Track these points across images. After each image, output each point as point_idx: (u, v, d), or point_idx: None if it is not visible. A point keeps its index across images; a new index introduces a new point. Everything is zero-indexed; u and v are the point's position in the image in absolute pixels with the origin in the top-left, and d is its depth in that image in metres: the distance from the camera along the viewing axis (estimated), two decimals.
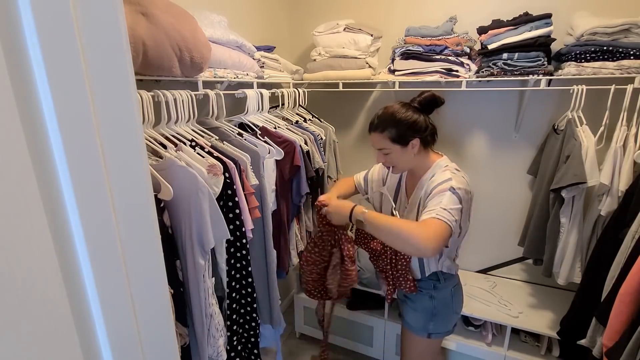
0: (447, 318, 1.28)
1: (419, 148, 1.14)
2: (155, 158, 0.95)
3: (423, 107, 1.14)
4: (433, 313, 1.25)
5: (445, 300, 1.25)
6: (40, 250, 0.34)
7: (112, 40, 0.39)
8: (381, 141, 1.15)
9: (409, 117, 1.12)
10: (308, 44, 2.15)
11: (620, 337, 0.98)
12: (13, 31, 0.31)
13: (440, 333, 1.29)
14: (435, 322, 1.26)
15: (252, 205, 1.11)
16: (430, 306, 1.25)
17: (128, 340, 0.44)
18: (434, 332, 1.27)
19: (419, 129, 1.12)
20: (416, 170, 1.21)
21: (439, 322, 1.27)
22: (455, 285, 1.28)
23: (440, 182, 1.09)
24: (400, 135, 1.12)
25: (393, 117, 1.13)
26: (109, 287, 0.41)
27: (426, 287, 1.25)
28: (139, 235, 0.45)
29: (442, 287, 1.24)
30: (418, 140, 1.13)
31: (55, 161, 0.35)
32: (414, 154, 1.15)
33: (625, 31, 1.36)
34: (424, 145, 1.16)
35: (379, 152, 1.18)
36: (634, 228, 1.08)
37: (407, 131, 1.12)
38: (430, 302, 1.25)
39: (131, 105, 0.42)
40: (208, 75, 1.23)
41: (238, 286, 1.13)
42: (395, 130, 1.12)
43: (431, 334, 1.27)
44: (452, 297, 1.26)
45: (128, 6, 0.89)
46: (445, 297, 1.25)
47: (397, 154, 1.15)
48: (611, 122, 1.40)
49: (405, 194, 1.28)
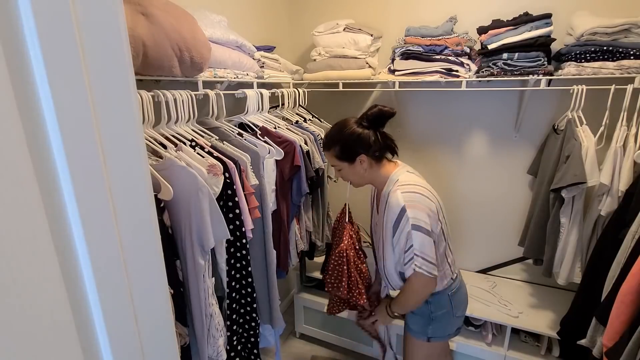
0: (446, 322, 1.27)
1: (368, 163, 1.15)
2: (155, 158, 0.95)
3: (371, 123, 1.14)
4: (430, 317, 1.25)
5: (441, 304, 1.24)
6: (40, 250, 0.34)
7: (112, 40, 0.39)
8: (331, 158, 1.19)
9: (353, 134, 1.13)
10: (308, 44, 2.15)
11: (621, 337, 0.98)
12: (13, 31, 0.31)
13: (440, 337, 1.28)
14: (434, 327, 1.26)
15: (252, 205, 1.11)
16: (427, 311, 1.25)
17: (128, 340, 0.44)
18: (433, 336, 1.27)
19: (365, 146, 1.13)
20: (376, 184, 1.23)
21: (438, 327, 1.26)
22: (455, 290, 1.26)
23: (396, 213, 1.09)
24: (345, 153, 1.15)
25: (337, 135, 1.16)
26: (109, 287, 0.41)
27: None
28: (139, 235, 0.45)
29: (438, 293, 1.23)
30: (365, 156, 1.14)
31: (55, 161, 0.35)
32: (364, 169, 1.16)
33: (625, 31, 1.36)
34: (375, 160, 1.16)
35: (334, 167, 1.22)
36: (634, 228, 1.09)
37: (352, 148, 1.14)
38: (427, 307, 1.24)
39: (131, 105, 0.42)
40: (208, 75, 1.23)
41: (238, 286, 1.13)
42: (340, 148, 1.15)
43: (430, 338, 1.27)
44: (450, 301, 1.25)
45: (128, 6, 0.89)
46: (442, 301, 1.24)
47: (346, 170, 1.18)
48: (611, 122, 1.40)
49: (376, 207, 1.30)
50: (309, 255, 1.92)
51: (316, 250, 1.86)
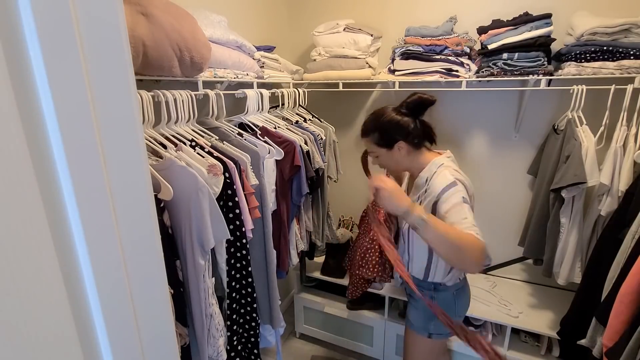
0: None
1: (407, 150, 1.14)
2: (155, 158, 0.95)
3: (411, 110, 1.14)
4: (433, 314, 1.23)
5: (446, 301, 1.25)
6: (40, 250, 0.34)
7: (112, 40, 0.39)
8: (369, 145, 1.20)
9: (391, 121, 1.13)
10: (308, 44, 2.15)
11: (621, 337, 0.98)
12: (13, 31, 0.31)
13: (441, 334, 1.28)
14: (436, 323, 1.26)
15: (252, 205, 1.11)
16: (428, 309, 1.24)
17: (128, 340, 0.44)
18: (434, 333, 1.27)
19: (403, 132, 1.12)
20: (413, 171, 1.21)
21: (440, 323, 1.26)
22: (459, 289, 1.27)
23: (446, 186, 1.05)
24: (384, 139, 1.15)
25: (376, 121, 1.16)
26: (109, 287, 0.41)
27: (427, 287, 1.26)
28: (139, 235, 0.45)
29: (442, 289, 1.24)
30: (404, 142, 1.13)
31: (55, 161, 0.35)
32: (402, 156, 1.15)
33: (625, 31, 1.36)
34: (413, 147, 1.15)
35: (370, 154, 1.23)
36: (634, 228, 1.09)
37: (391, 135, 1.13)
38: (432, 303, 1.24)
39: (131, 105, 0.42)
40: (208, 75, 1.23)
41: (238, 286, 1.13)
42: (379, 135, 1.15)
43: (432, 334, 1.27)
44: (455, 300, 1.25)
45: (128, 6, 0.89)
46: (447, 298, 1.25)
47: (384, 156, 1.18)
48: (611, 122, 1.40)
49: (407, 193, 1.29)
50: (309, 255, 1.93)
51: (316, 250, 1.86)
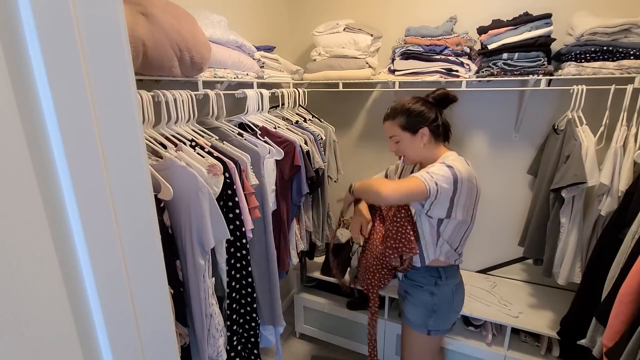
0: (447, 315, 1.29)
1: (428, 138, 1.19)
2: (155, 158, 0.95)
3: (436, 102, 1.21)
4: (433, 309, 1.26)
5: (446, 297, 1.27)
6: (40, 250, 0.34)
7: (112, 40, 0.39)
8: (392, 128, 1.23)
9: (419, 107, 1.19)
10: (308, 44, 2.15)
11: (621, 337, 0.98)
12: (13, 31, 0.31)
13: (439, 330, 1.29)
14: (435, 319, 1.27)
15: (252, 205, 1.11)
16: (431, 302, 1.26)
17: (128, 340, 0.44)
18: (433, 329, 1.28)
19: (428, 119, 1.18)
20: (425, 163, 1.24)
21: (439, 319, 1.28)
22: (458, 284, 1.29)
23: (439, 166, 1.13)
24: (410, 123, 1.19)
25: (404, 106, 1.20)
26: (109, 287, 0.41)
27: (427, 283, 1.27)
28: (139, 235, 0.45)
29: (442, 285, 1.25)
30: (427, 130, 1.18)
31: (55, 161, 0.35)
32: (422, 143, 1.20)
33: (625, 31, 1.36)
34: (434, 136, 1.21)
35: (391, 140, 1.25)
36: (634, 228, 1.08)
37: (417, 120, 1.18)
38: (431, 299, 1.26)
39: (131, 105, 0.42)
40: (208, 75, 1.23)
41: (238, 286, 1.13)
42: (405, 118, 1.19)
43: (430, 331, 1.28)
44: (454, 295, 1.27)
45: (128, 6, 0.89)
46: (446, 294, 1.27)
47: (406, 141, 1.22)
48: (611, 122, 1.40)
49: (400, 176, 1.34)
50: (309, 255, 1.93)
51: (316, 250, 1.86)
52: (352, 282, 1.69)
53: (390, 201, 1.11)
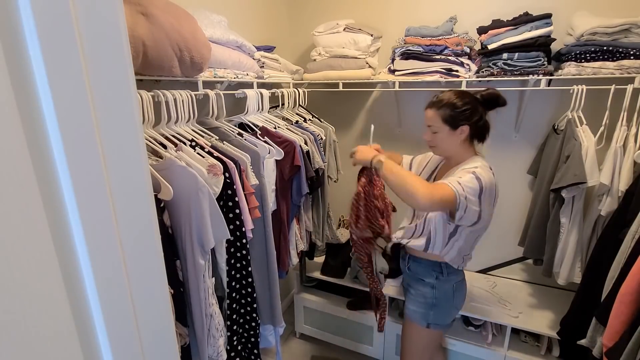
0: (447, 311, 1.31)
1: (466, 137, 1.17)
2: (155, 158, 0.95)
3: (485, 102, 1.17)
4: (433, 303, 1.28)
5: (446, 292, 1.28)
6: (40, 250, 0.34)
7: (112, 40, 0.39)
8: (434, 118, 1.18)
9: (467, 103, 1.15)
10: (308, 44, 2.15)
11: (621, 337, 0.98)
12: (13, 31, 0.31)
13: (439, 325, 1.31)
14: (435, 313, 1.29)
15: (252, 205, 1.11)
16: (431, 296, 1.28)
17: (128, 340, 0.44)
18: (433, 323, 1.30)
19: (472, 118, 1.15)
20: (453, 160, 1.23)
21: (439, 314, 1.29)
22: (460, 281, 1.31)
23: (466, 167, 1.13)
24: (453, 117, 1.15)
25: (452, 98, 1.16)
26: (109, 287, 0.41)
27: (429, 277, 1.29)
28: (139, 235, 0.45)
29: (444, 280, 1.27)
30: (468, 128, 1.16)
31: (55, 161, 0.35)
32: (459, 140, 1.18)
33: (625, 31, 1.36)
34: (472, 136, 1.19)
35: (429, 129, 1.22)
36: (634, 228, 1.08)
37: (460, 115, 1.15)
38: (432, 292, 1.28)
39: (131, 105, 0.42)
40: (208, 75, 1.23)
41: (238, 286, 1.13)
42: (450, 111, 1.15)
43: (430, 324, 1.30)
44: (454, 292, 1.29)
45: (128, 6, 0.89)
46: (447, 289, 1.28)
47: (443, 134, 1.18)
48: (611, 122, 1.40)
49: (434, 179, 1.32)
50: (309, 255, 1.92)
51: (316, 250, 1.86)
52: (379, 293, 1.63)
53: (423, 207, 1.08)
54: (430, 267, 1.28)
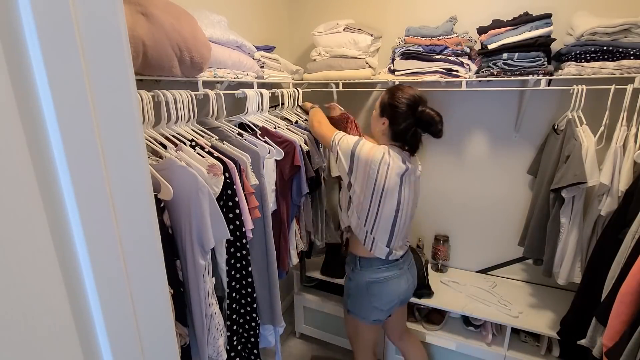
0: (361, 304, 1.40)
1: (385, 130, 1.30)
2: (155, 158, 0.95)
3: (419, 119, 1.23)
4: (348, 293, 1.44)
5: (358, 286, 1.39)
6: (40, 250, 0.34)
7: (112, 40, 0.39)
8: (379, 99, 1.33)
9: (400, 104, 1.24)
10: (308, 44, 2.15)
11: (621, 337, 0.98)
12: (13, 31, 0.31)
13: (355, 314, 1.43)
14: (351, 301, 1.43)
15: (252, 205, 1.11)
16: (347, 286, 1.45)
17: (128, 340, 0.44)
18: (351, 310, 1.44)
19: (394, 119, 1.25)
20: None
21: (354, 303, 1.42)
22: (377, 281, 1.36)
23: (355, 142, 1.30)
24: (383, 105, 1.30)
25: (399, 91, 1.26)
26: (109, 287, 0.41)
27: (348, 268, 1.46)
28: (139, 235, 0.45)
29: (357, 273, 1.39)
30: (387, 123, 1.28)
31: (55, 161, 0.35)
32: (379, 129, 1.31)
33: (625, 31, 1.36)
34: (391, 135, 1.29)
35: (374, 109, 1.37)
36: (634, 228, 1.08)
37: (387, 107, 1.27)
38: (348, 283, 1.44)
39: (131, 105, 0.42)
40: (208, 75, 1.23)
41: (238, 286, 1.13)
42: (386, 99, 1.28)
43: (349, 310, 1.45)
44: (367, 289, 1.37)
45: (128, 6, 0.89)
46: (359, 283, 1.38)
47: (374, 115, 1.35)
48: (611, 122, 1.40)
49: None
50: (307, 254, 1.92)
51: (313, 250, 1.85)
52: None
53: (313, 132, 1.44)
54: (350, 259, 1.44)
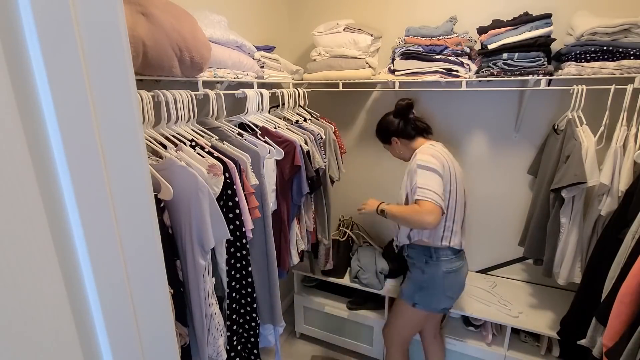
0: (435, 296, 1.42)
1: (402, 141, 1.50)
2: (155, 158, 0.95)
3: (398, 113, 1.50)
4: (421, 286, 1.43)
5: (434, 277, 1.40)
6: (40, 250, 0.34)
7: (112, 40, 0.39)
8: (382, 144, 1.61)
9: (383, 124, 1.55)
10: (308, 44, 2.15)
11: (621, 337, 0.98)
12: (13, 31, 0.31)
13: (424, 306, 1.44)
14: (422, 295, 1.43)
15: (252, 205, 1.11)
16: (420, 279, 1.44)
17: (128, 340, 0.44)
18: (418, 303, 1.44)
19: (391, 130, 1.51)
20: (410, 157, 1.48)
21: (425, 296, 1.43)
22: (453, 270, 1.39)
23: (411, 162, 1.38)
24: (383, 137, 1.57)
25: (377, 126, 1.58)
26: (109, 287, 0.41)
27: (419, 261, 1.44)
28: (139, 235, 0.45)
29: (433, 264, 1.40)
30: (396, 138, 1.51)
31: (55, 161, 0.35)
32: (399, 146, 1.52)
33: (625, 31, 1.36)
34: (406, 138, 1.49)
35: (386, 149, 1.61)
36: (634, 228, 1.08)
37: (384, 134, 1.55)
38: (421, 276, 1.43)
39: (131, 105, 0.42)
40: (208, 75, 1.23)
41: (238, 286, 1.13)
42: (380, 135, 1.58)
43: (416, 304, 1.44)
44: (444, 279, 1.39)
45: (128, 6, 0.89)
46: (436, 275, 1.40)
47: (391, 150, 1.58)
48: (611, 122, 1.40)
49: None
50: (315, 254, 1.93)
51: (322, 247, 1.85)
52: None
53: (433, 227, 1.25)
54: (421, 252, 1.43)
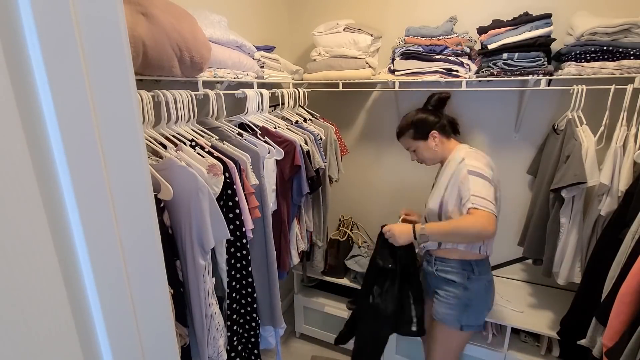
0: (481, 312, 1.33)
1: (440, 138, 1.34)
2: (155, 158, 0.95)
3: (433, 107, 1.37)
4: (466, 304, 1.28)
5: (479, 292, 1.29)
6: (40, 250, 0.34)
7: (112, 40, 0.39)
8: (407, 142, 1.39)
9: (421, 116, 1.35)
10: (308, 44, 2.15)
11: (621, 337, 0.98)
12: (13, 31, 0.31)
13: (472, 326, 1.31)
14: (469, 314, 1.28)
15: (252, 205, 1.11)
16: (465, 297, 1.27)
17: (128, 341, 0.44)
18: (466, 324, 1.29)
19: (433, 122, 1.34)
20: (443, 160, 1.37)
21: (472, 314, 1.29)
22: (490, 281, 1.34)
23: (457, 163, 1.25)
24: (419, 132, 1.35)
25: (408, 120, 1.37)
26: (109, 287, 0.41)
27: (460, 278, 1.28)
28: (139, 235, 0.45)
29: (475, 279, 1.28)
30: (436, 132, 1.33)
31: (55, 161, 0.35)
32: (435, 144, 1.34)
33: (625, 31, 1.36)
34: (444, 135, 1.34)
35: (410, 152, 1.42)
36: (634, 228, 1.08)
37: (423, 126, 1.34)
38: (464, 293, 1.27)
39: (131, 105, 0.42)
40: (208, 75, 1.23)
41: (238, 286, 1.13)
42: (414, 130, 1.36)
43: (463, 326, 1.29)
44: (487, 292, 1.32)
45: (128, 6, 0.89)
46: (480, 289, 1.29)
47: (422, 148, 1.37)
48: (611, 122, 1.40)
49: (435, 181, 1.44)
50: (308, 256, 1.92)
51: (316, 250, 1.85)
52: None
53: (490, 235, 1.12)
54: (459, 267, 1.27)
